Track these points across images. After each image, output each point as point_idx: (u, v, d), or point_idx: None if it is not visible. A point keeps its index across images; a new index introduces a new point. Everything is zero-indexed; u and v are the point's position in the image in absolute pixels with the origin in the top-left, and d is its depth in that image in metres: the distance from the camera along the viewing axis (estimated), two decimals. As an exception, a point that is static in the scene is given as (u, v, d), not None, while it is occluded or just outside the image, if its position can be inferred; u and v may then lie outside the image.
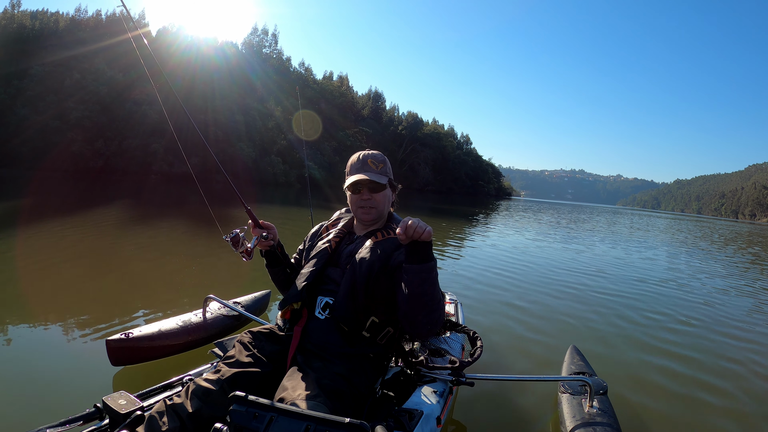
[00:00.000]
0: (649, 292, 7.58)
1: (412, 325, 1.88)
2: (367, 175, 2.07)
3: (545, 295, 6.51)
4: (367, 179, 2.06)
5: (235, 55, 53.52)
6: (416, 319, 1.85)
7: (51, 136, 34.94)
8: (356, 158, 2.16)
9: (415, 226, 1.72)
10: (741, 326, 5.84)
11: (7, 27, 41.83)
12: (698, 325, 5.67)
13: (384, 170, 2.14)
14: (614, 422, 2.41)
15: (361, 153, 2.18)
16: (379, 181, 2.08)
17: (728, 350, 4.81)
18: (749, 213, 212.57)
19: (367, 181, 2.07)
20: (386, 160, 2.19)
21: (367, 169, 2.10)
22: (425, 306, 1.82)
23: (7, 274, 5.32)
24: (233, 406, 1.36)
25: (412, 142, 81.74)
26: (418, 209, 25.95)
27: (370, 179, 2.06)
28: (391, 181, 2.18)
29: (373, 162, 2.12)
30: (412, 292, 1.80)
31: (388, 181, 2.15)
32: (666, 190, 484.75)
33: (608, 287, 7.55)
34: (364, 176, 2.06)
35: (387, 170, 2.16)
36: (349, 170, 2.16)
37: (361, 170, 2.10)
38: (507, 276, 7.67)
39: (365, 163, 2.12)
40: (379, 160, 2.14)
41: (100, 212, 12.34)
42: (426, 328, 1.88)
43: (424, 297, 1.80)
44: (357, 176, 2.07)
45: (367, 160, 2.12)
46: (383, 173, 2.13)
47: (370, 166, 2.11)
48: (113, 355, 2.80)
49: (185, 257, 7.12)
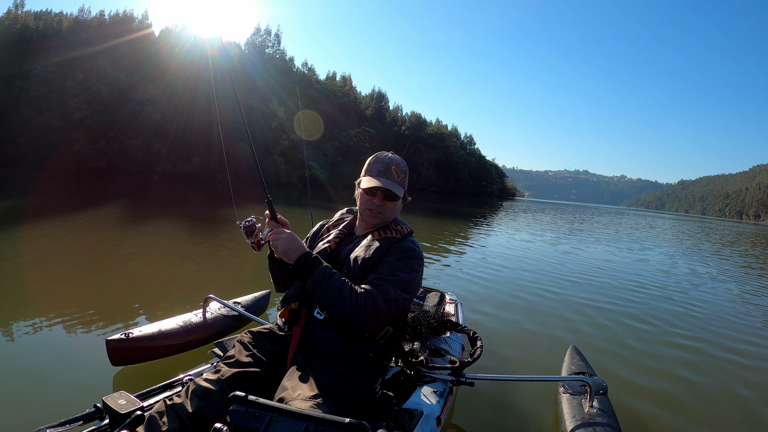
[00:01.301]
0: (649, 292, 7.57)
1: (344, 325, 1.90)
2: (387, 184, 2.05)
3: (545, 295, 6.52)
4: (386, 189, 2.05)
5: (238, 56, 53.54)
6: (341, 321, 1.87)
7: (53, 136, 34.99)
8: (380, 159, 2.12)
9: (273, 239, 1.88)
10: (742, 327, 5.84)
11: (10, 27, 41.94)
12: (699, 326, 5.66)
13: (403, 181, 2.13)
14: (614, 422, 2.41)
15: (386, 155, 2.14)
16: (397, 193, 2.06)
17: (729, 351, 4.80)
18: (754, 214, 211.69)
19: (386, 189, 2.06)
20: (408, 170, 2.18)
21: (390, 177, 2.08)
22: (336, 313, 1.84)
23: (7, 273, 5.35)
24: (233, 406, 1.36)
25: (415, 143, 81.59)
26: (421, 210, 25.91)
27: (388, 189, 2.05)
28: (405, 193, 2.16)
29: (397, 170, 2.10)
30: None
31: (404, 193, 2.14)
32: (670, 191, 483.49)
33: (609, 287, 7.56)
34: (383, 185, 2.04)
35: (405, 182, 2.15)
36: (369, 169, 2.13)
37: (383, 175, 2.08)
38: (507, 276, 7.68)
39: (389, 169, 2.09)
40: (401, 170, 2.12)
41: (102, 212, 12.36)
42: (353, 327, 1.87)
43: (329, 308, 1.86)
44: (377, 182, 2.05)
45: (391, 167, 2.09)
46: (402, 184, 2.12)
47: (392, 174, 2.09)
48: (113, 355, 2.80)
49: (185, 257, 7.13)
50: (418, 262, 2.05)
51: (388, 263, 1.97)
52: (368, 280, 1.92)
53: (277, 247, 1.89)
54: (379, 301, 1.84)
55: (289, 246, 1.89)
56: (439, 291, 4.03)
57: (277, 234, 1.91)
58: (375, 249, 2.01)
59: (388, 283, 1.89)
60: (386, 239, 2.06)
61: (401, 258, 1.99)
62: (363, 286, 1.89)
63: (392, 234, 2.09)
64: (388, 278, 1.91)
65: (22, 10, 45.24)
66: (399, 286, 1.92)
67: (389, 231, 2.10)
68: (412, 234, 2.18)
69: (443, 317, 3.04)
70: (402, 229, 2.14)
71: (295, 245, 1.90)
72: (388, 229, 2.11)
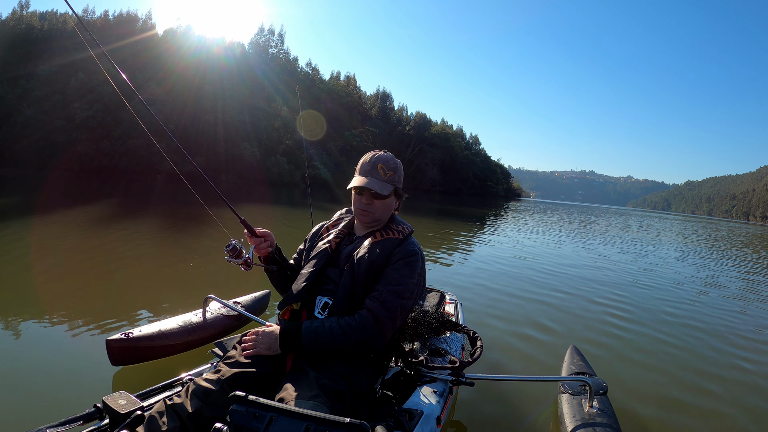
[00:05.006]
0: (650, 292, 7.56)
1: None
2: (371, 183, 2.03)
3: (545, 295, 6.50)
4: (369, 188, 2.04)
5: (242, 55, 53.66)
6: (359, 353, 1.93)
7: (57, 136, 35.18)
8: (368, 159, 2.11)
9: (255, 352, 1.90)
10: (742, 327, 5.81)
11: (15, 28, 42.15)
12: (699, 326, 5.64)
13: (392, 178, 2.09)
14: (614, 422, 2.41)
15: (374, 154, 2.12)
16: (381, 192, 2.03)
17: (729, 351, 4.78)
18: (761, 215, 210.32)
19: (369, 189, 2.04)
20: (398, 166, 2.14)
21: (375, 175, 2.06)
22: (348, 352, 1.88)
23: (7, 273, 5.38)
24: (233, 406, 1.36)
25: (420, 143, 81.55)
26: (425, 210, 25.92)
27: (372, 189, 2.03)
28: (397, 189, 2.13)
29: (383, 168, 2.07)
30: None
31: (394, 189, 2.10)
32: (677, 192, 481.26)
33: (609, 287, 7.53)
34: (367, 184, 2.03)
35: (396, 178, 2.11)
36: (358, 169, 2.12)
37: (369, 174, 2.07)
38: (507, 276, 7.67)
39: (374, 168, 2.07)
40: (389, 167, 2.09)
41: (102, 212, 12.41)
42: (372, 352, 1.98)
43: (338, 354, 1.88)
44: (361, 181, 2.05)
45: (377, 165, 2.07)
46: (390, 181, 2.08)
47: (378, 172, 2.06)
48: (113, 354, 2.80)
49: (186, 257, 7.14)
50: (422, 265, 2.07)
51: (396, 270, 1.97)
52: (374, 294, 1.93)
53: (259, 353, 1.88)
54: (383, 318, 1.88)
55: (267, 341, 1.90)
56: (439, 291, 4.02)
57: (251, 345, 1.91)
58: (379, 251, 2.01)
59: (396, 295, 1.92)
60: (388, 240, 2.05)
61: (408, 263, 2.00)
62: (366, 304, 1.91)
63: (394, 235, 2.09)
64: (395, 288, 1.92)
65: (27, 10, 45.43)
66: (407, 293, 1.95)
67: (391, 232, 2.09)
68: (412, 234, 2.18)
69: (443, 317, 3.04)
70: (403, 230, 2.13)
71: (271, 337, 1.90)
72: (389, 230, 2.11)
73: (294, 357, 1.89)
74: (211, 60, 46.07)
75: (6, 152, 33.97)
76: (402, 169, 2.18)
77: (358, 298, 1.96)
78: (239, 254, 2.09)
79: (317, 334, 1.84)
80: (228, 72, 46.65)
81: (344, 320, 1.87)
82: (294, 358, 1.89)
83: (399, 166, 2.15)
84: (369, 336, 1.86)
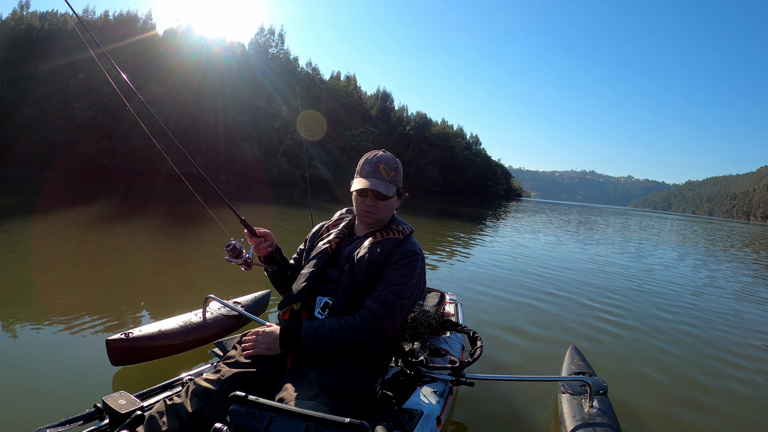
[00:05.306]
0: (650, 292, 7.55)
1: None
2: (375, 185, 2.03)
3: (545, 294, 6.49)
4: (374, 190, 2.04)
5: (243, 55, 53.67)
6: (359, 354, 1.93)
7: (57, 136, 35.19)
8: (369, 160, 2.10)
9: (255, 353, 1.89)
10: (743, 328, 5.81)
11: (15, 28, 42.16)
12: (700, 326, 5.63)
13: (394, 178, 2.10)
14: (614, 422, 2.40)
15: (375, 154, 2.12)
16: (386, 193, 2.04)
17: (729, 352, 4.77)
18: (761, 215, 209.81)
19: (374, 190, 2.04)
20: (399, 166, 2.15)
21: (378, 176, 2.06)
22: (347, 352, 1.88)
23: (7, 273, 5.38)
24: (233, 406, 1.36)
25: (420, 143, 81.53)
26: (426, 211, 25.92)
27: (376, 190, 2.03)
28: (399, 189, 2.14)
29: (386, 169, 2.07)
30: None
31: (396, 190, 2.11)
32: (677, 192, 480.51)
33: (609, 287, 7.52)
34: (372, 186, 2.03)
35: (397, 178, 2.12)
36: (359, 170, 2.12)
37: (372, 176, 2.06)
38: (508, 276, 7.66)
39: (377, 169, 2.07)
40: (391, 167, 2.09)
41: (102, 212, 12.41)
42: (372, 352, 1.98)
43: (338, 353, 1.88)
44: (365, 183, 2.04)
45: (379, 166, 2.07)
46: (393, 182, 2.09)
47: (381, 173, 2.06)
48: (113, 354, 2.80)
49: (186, 257, 7.15)
50: (422, 265, 2.07)
51: (396, 270, 1.97)
52: (374, 294, 1.93)
53: (260, 353, 1.88)
54: (383, 318, 1.88)
55: (267, 341, 1.90)
56: (439, 291, 4.02)
57: (251, 345, 1.91)
58: (379, 251, 2.01)
59: (396, 295, 1.92)
60: (389, 240, 2.05)
61: (408, 263, 2.00)
62: (366, 304, 1.91)
63: (394, 235, 2.09)
64: (395, 288, 1.92)
65: (27, 10, 45.42)
66: (407, 293, 1.95)
67: (391, 232, 2.09)
68: (412, 234, 2.18)
69: (443, 317, 3.04)
70: (403, 230, 2.13)
71: (271, 337, 1.90)
72: (389, 230, 2.11)
73: (294, 357, 1.89)
74: (211, 60, 46.16)
75: (6, 152, 34.01)
76: (402, 169, 2.18)
77: (359, 298, 1.96)
78: (239, 254, 2.09)
79: (317, 334, 1.84)
80: (228, 72, 46.70)
81: (344, 320, 1.87)
82: (294, 358, 1.89)
83: (400, 166, 2.16)
84: (369, 336, 1.86)
